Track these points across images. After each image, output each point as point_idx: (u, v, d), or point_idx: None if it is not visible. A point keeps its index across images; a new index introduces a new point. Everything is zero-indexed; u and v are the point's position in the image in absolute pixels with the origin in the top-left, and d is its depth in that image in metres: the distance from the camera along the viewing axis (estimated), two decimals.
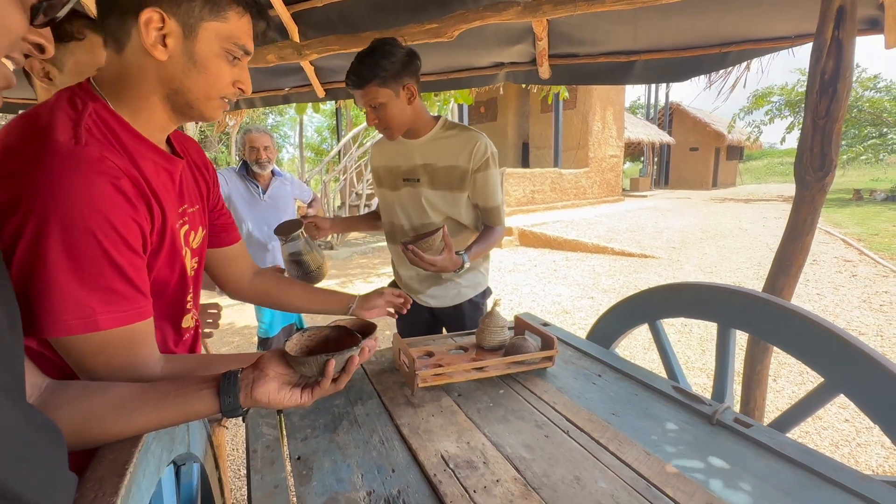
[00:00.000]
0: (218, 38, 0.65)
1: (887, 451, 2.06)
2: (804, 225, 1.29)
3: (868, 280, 4.80)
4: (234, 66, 0.68)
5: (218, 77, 0.66)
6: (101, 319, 0.56)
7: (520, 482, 0.72)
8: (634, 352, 3.18)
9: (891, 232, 7.55)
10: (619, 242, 6.99)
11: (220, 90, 0.68)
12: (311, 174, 8.61)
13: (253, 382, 0.58)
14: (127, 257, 0.58)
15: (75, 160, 0.54)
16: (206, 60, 0.65)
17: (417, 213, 1.43)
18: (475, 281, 1.52)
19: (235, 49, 0.67)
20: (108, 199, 0.55)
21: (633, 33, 1.66)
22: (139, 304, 0.60)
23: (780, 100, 14.82)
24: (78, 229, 0.53)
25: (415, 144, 1.38)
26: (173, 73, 0.64)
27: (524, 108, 13.75)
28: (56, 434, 0.44)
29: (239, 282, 1.00)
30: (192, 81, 0.65)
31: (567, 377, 1.09)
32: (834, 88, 1.13)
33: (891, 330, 3.42)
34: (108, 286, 0.56)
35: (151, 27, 0.60)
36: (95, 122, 0.60)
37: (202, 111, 0.69)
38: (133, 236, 0.59)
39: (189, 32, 0.63)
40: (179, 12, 0.61)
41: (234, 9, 0.65)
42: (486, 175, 1.35)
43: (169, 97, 0.66)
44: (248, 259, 1.02)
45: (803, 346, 0.94)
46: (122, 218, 0.57)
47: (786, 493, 0.70)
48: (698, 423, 0.89)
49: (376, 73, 1.19)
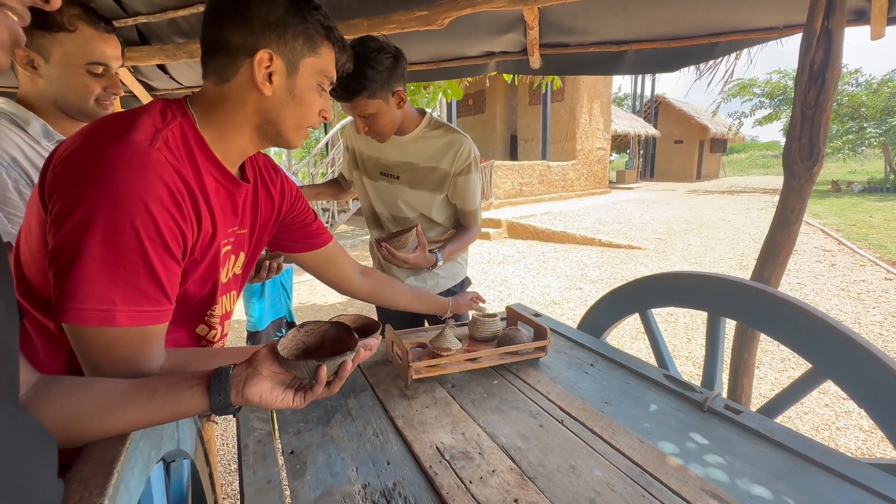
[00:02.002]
0: (314, 73, 0.70)
1: (865, 433, 2.13)
2: (792, 214, 1.31)
3: (846, 269, 4.93)
4: (321, 96, 0.74)
5: (310, 108, 0.72)
6: (119, 315, 0.55)
7: (515, 472, 0.72)
8: (622, 341, 3.23)
9: (867, 223, 7.76)
10: (607, 234, 7.05)
11: (310, 120, 0.73)
12: (298, 167, 8.48)
13: (245, 380, 0.57)
14: (163, 259, 0.58)
15: (140, 157, 0.56)
16: (303, 94, 0.70)
17: (393, 206, 1.42)
18: (453, 271, 1.52)
19: (325, 81, 0.73)
20: (159, 199, 0.56)
21: (624, 23, 1.66)
22: (161, 307, 0.60)
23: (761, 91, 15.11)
24: (122, 221, 0.54)
25: (399, 141, 1.34)
26: (272, 105, 0.68)
27: (512, 101, 13.72)
28: (44, 439, 0.42)
29: (345, 281, 1.06)
30: (288, 112, 0.70)
31: (560, 367, 1.09)
32: (823, 78, 1.14)
33: (868, 317, 3.53)
34: (135, 284, 0.56)
35: (262, 66, 0.65)
36: (175, 135, 0.63)
37: (289, 140, 0.73)
38: (174, 241, 0.59)
39: (292, 69, 0.68)
40: (285, 51, 0.66)
41: (326, 44, 0.71)
42: (468, 179, 1.34)
43: (261, 126, 0.70)
44: (348, 258, 1.07)
45: (792, 334, 0.95)
46: (168, 221, 0.58)
47: (776, 478, 0.71)
48: (689, 410, 0.90)
49: (364, 87, 1.12)
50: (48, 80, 0.97)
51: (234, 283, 0.83)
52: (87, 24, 0.95)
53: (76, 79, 0.97)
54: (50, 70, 0.95)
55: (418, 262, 1.26)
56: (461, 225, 1.47)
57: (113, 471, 0.45)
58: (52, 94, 0.98)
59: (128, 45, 2.08)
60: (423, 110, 1.36)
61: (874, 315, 3.57)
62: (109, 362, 0.58)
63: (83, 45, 0.95)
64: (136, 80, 2.46)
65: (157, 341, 0.62)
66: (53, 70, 0.95)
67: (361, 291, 1.08)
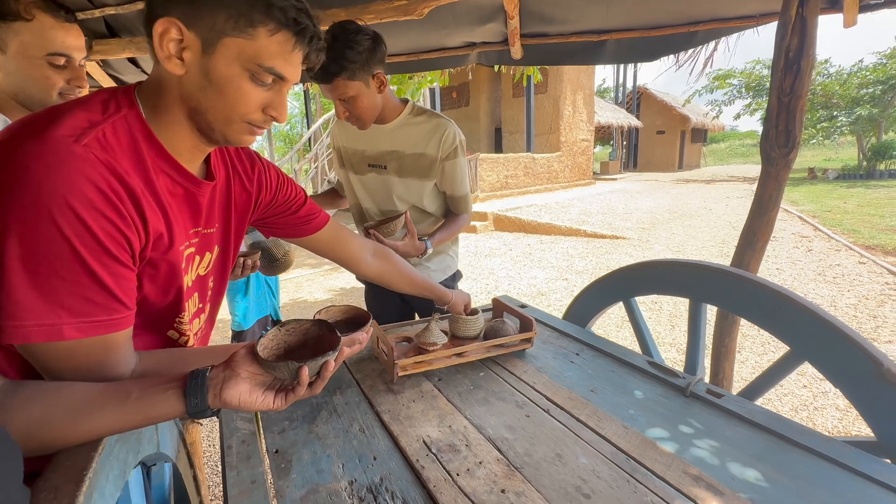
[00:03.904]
0: (240, 58, 0.58)
1: (841, 412, 2.20)
2: (769, 201, 1.33)
3: (822, 254, 5.07)
4: (265, 89, 0.61)
5: (237, 99, 0.59)
6: (66, 328, 0.51)
7: (502, 463, 0.72)
8: (608, 329, 3.27)
9: (842, 208, 7.99)
10: (592, 225, 7.12)
11: (242, 114, 0.61)
12: (280, 163, 8.35)
13: (223, 383, 0.54)
14: (107, 265, 0.53)
15: (60, 155, 0.49)
16: (222, 79, 0.58)
17: (383, 198, 1.40)
18: (444, 265, 1.51)
19: (260, 72, 0.59)
20: (88, 202, 0.50)
21: (604, 12, 1.66)
22: (117, 315, 0.55)
23: (739, 82, 15.37)
24: (46, 229, 0.48)
25: (382, 130, 1.32)
26: (191, 89, 0.59)
27: (496, 93, 13.70)
28: (8, 446, 0.40)
29: (355, 262, 1.02)
30: (210, 101, 0.59)
31: (546, 357, 1.10)
32: (798, 66, 1.16)
33: (843, 300, 3.64)
34: (80, 294, 0.51)
35: (167, 39, 0.55)
36: (118, 129, 0.56)
37: (224, 134, 0.63)
38: (117, 246, 0.54)
39: (207, 47, 0.57)
40: (200, 25, 0.56)
41: (266, 26, 0.57)
42: (455, 163, 1.33)
43: (191, 115, 0.61)
44: (355, 240, 1.02)
45: (770, 318, 0.97)
46: (104, 225, 0.52)
47: (757, 458, 0.72)
48: (673, 395, 0.92)
49: (343, 67, 1.11)
50: (6, 73, 0.92)
51: (198, 285, 0.77)
52: (45, 13, 0.90)
53: (36, 71, 0.93)
54: (8, 62, 0.91)
55: (407, 249, 1.24)
56: (451, 213, 1.46)
57: (84, 477, 0.43)
58: (11, 88, 0.94)
59: (96, 37, 2.00)
60: (405, 99, 1.35)
61: (849, 298, 3.68)
62: (72, 372, 0.55)
63: (41, 35, 0.91)
64: (107, 74, 2.37)
65: (121, 348, 0.58)
66: (11, 62, 0.91)
67: (371, 272, 1.05)
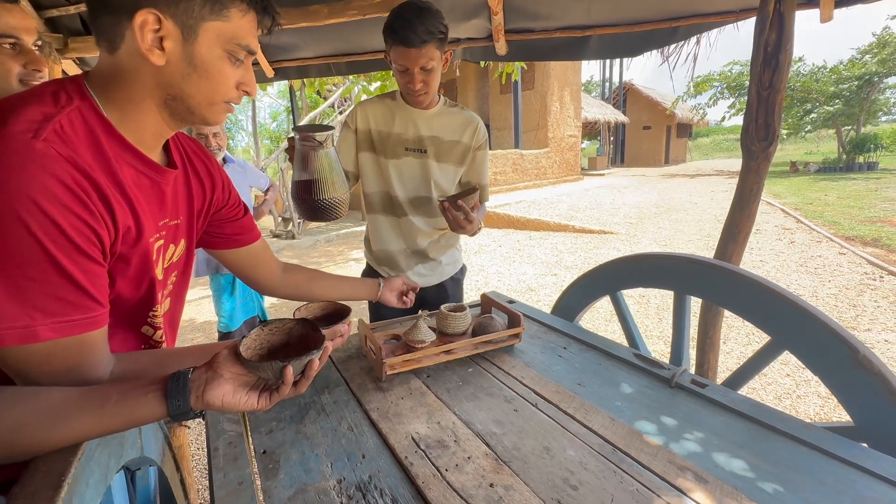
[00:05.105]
0: (220, 40, 0.59)
1: (822, 399, 2.26)
2: (750, 193, 1.35)
3: (804, 246, 5.18)
4: (238, 67, 0.63)
5: (221, 81, 0.62)
6: (41, 329, 0.50)
7: (491, 457, 0.72)
8: (597, 324, 3.30)
9: (823, 200, 8.16)
10: (580, 220, 7.17)
11: (223, 94, 0.63)
12: (267, 162, 8.25)
13: (205, 384, 0.54)
14: (78, 262, 0.52)
15: (21, 153, 0.48)
16: (207, 64, 0.60)
17: (416, 184, 1.37)
18: (454, 258, 1.53)
19: (238, 50, 0.61)
20: (55, 198, 0.49)
21: (588, 8, 1.67)
22: (91, 313, 0.54)
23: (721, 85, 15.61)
24: (13, 229, 0.47)
25: (423, 114, 1.32)
26: (171, 78, 0.59)
27: (483, 90, 13.69)
28: None
29: (269, 279, 0.98)
30: (193, 87, 0.60)
31: (534, 352, 1.11)
32: (776, 60, 1.18)
33: (824, 290, 3.72)
34: (54, 294, 0.50)
35: (147, 30, 0.55)
36: (73, 121, 0.54)
37: (205, 117, 0.64)
38: (87, 242, 0.53)
39: (188, 34, 0.57)
40: (178, 13, 0.56)
41: (237, 5, 0.59)
42: (484, 154, 1.40)
43: (167, 103, 0.61)
44: (273, 256, 0.99)
45: (752, 308, 0.99)
46: (73, 221, 0.51)
47: (740, 446, 0.74)
48: (658, 386, 0.93)
49: (436, 34, 1.13)
50: None
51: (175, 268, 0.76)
52: None
53: None
54: None
55: (476, 224, 1.27)
56: None
57: (63, 483, 0.42)
58: None
59: (71, 34, 1.95)
60: None
61: (830, 288, 3.77)
62: (47, 376, 0.53)
63: None
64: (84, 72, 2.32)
65: (97, 348, 0.57)
66: None
67: (285, 288, 1.00)
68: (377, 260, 1.48)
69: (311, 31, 1.86)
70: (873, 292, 3.59)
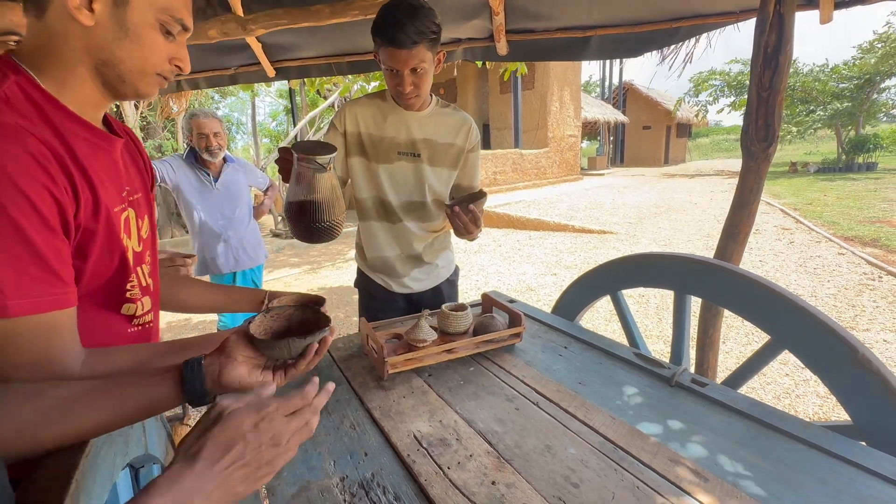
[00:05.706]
0: (152, 8, 0.59)
1: (821, 399, 2.27)
2: (750, 193, 1.36)
3: (804, 246, 5.19)
4: (171, 41, 0.63)
5: (152, 50, 0.61)
6: (10, 304, 0.48)
7: (492, 455, 0.73)
8: (597, 323, 3.31)
9: (822, 201, 8.17)
10: (580, 220, 7.18)
11: (154, 65, 0.62)
12: (266, 161, 8.25)
13: (221, 368, 0.56)
14: (45, 237, 0.51)
15: None
16: (139, 30, 0.59)
17: (410, 189, 1.33)
18: (448, 260, 1.52)
19: (171, 22, 0.61)
20: (21, 167, 0.48)
21: (588, 8, 1.67)
22: (58, 290, 0.53)
23: (720, 83, 15.62)
24: None
25: (415, 116, 1.27)
26: (102, 41, 0.58)
27: (483, 90, 13.69)
28: None
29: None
30: (125, 52, 0.59)
31: (535, 351, 1.11)
32: (776, 61, 1.19)
33: (823, 290, 3.73)
34: (19, 268, 0.49)
35: None
36: (16, 94, 0.53)
37: (136, 86, 0.63)
38: (51, 213, 0.52)
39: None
40: None
41: None
42: (477, 156, 1.38)
43: (98, 69, 0.60)
44: None
45: (752, 308, 1.00)
46: (38, 190, 0.50)
47: (740, 445, 0.75)
48: (659, 385, 0.93)
49: (427, 34, 1.08)
50: None
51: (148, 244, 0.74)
52: None
53: None
54: None
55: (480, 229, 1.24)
56: None
57: (71, 479, 0.43)
58: None
59: None
60: None
61: (829, 288, 3.78)
62: (11, 361, 0.51)
63: None
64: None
65: (66, 332, 0.55)
66: None
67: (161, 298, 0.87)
68: (372, 267, 1.43)
69: (312, 30, 1.86)
70: (872, 292, 3.60)
